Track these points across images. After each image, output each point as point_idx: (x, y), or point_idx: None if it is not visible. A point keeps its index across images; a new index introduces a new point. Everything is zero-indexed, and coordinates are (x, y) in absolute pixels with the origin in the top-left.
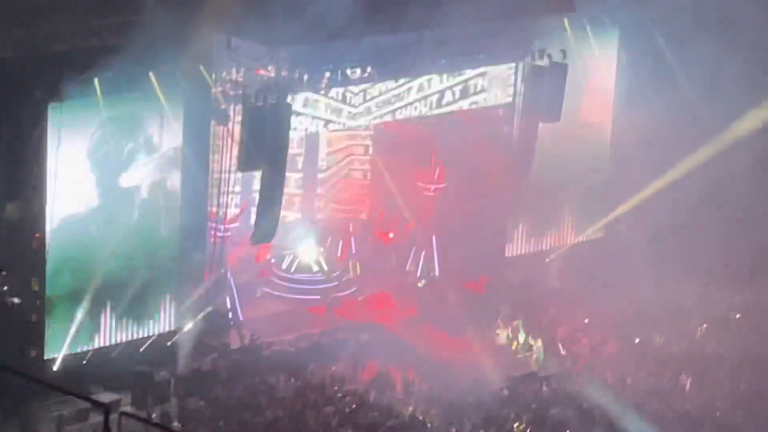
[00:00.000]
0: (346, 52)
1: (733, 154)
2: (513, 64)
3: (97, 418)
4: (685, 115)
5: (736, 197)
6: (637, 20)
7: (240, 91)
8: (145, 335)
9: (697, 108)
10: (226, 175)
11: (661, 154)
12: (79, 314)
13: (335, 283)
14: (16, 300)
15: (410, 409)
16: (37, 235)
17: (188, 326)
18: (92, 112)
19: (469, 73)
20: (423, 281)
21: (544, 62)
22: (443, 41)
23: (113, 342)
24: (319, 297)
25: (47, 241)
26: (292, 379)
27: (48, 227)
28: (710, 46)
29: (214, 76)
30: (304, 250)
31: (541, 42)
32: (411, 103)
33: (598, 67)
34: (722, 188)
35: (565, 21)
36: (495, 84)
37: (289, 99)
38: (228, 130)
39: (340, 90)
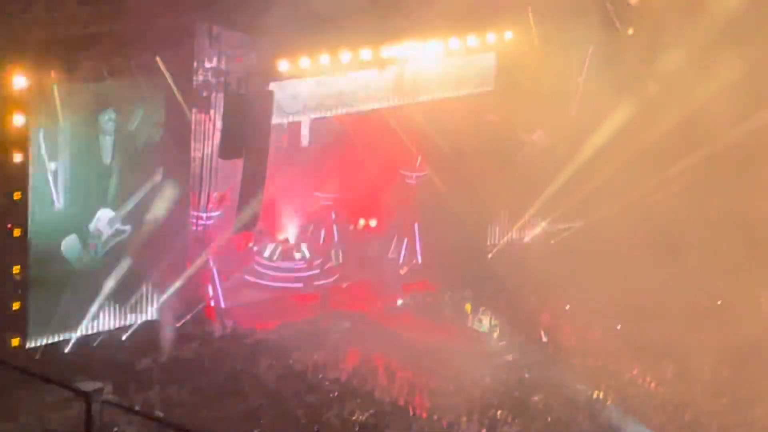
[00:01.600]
0: (328, 40)
1: (719, 142)
2: (494, 52)
3: (79, 406)
4: (667, 101)
5: (720, 187)
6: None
7: (221, 79)
8: (127, 324)
9: (677, 93)
10: (208, 163)
11: (644, 140)
12: (61, 303)
13: (317, 271)
14: None
15: (393, 396)
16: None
17: (170, 314)
18: (75, 99)
19: (451, 60)
20: (405, 269)
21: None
22: (427, 28)
23: (95, 330)
24: (301, 285)
25: (29, 230)
26: (275, 367)
27: (29, 215)
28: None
29: (195, 63)
30: (287, 238)
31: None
32: (393, 91)
33: (573, 54)
34: (707, 178)
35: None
36: (477, 71)
37: (270, 87)
38: (209, 117)
39: (322, 77)
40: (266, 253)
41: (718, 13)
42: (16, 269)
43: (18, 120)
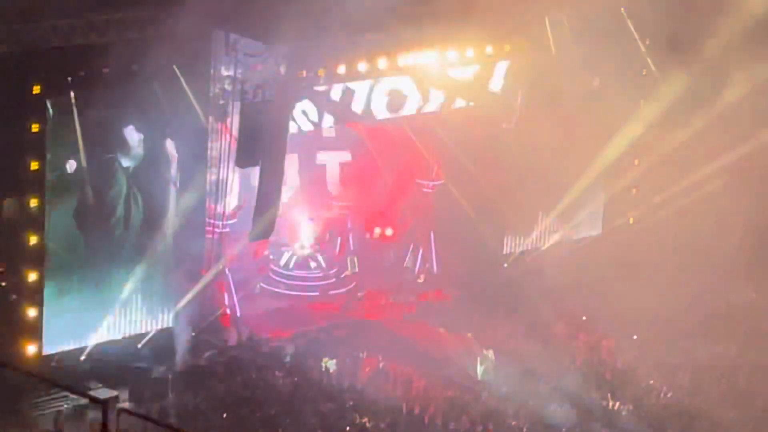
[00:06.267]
0: (345, 49)
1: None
2: (507, 61)
3: (95, 414)
4: (681, 107)
5: (734, 194)
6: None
7: (238, 87)
8: (143, 331)
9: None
10: (224, 172)
11: (659, 150)
12: (78, 310)
13: (333, 280)
14: (13, 296)
15: (408, 405)
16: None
17: (186, 323)
18: (91, 108)
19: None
20: (421, 278)
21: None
22: (442, 37)
23: (111, 338)
24: (317, 293)
25: (46, 237)
26: (290, 376)
27: (47, 223)
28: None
29: (212, 71)
30: (302, 246)
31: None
32: (410, 101)
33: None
34: (719, 185)
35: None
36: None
37: (288, 95)
38: (226, 126)
39: (339, 86)
40: (282, 261)
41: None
42: (32, 276)
43: (34, 128)
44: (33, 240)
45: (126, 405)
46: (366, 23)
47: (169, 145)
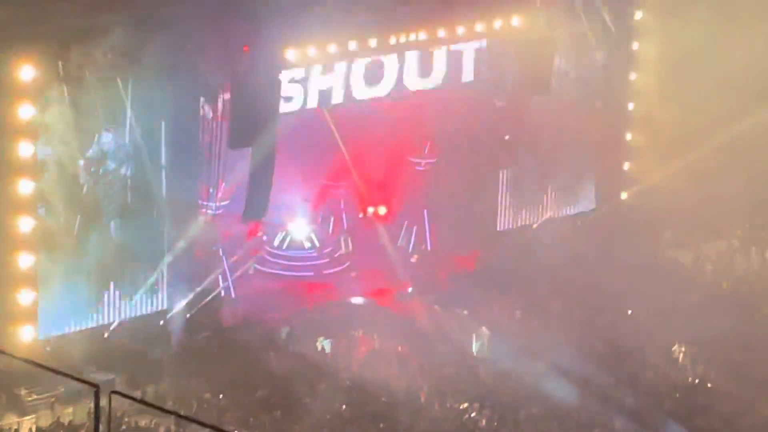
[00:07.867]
0: (335, 28)
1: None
2: (497, 38)
3: (91, 398)
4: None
5: (728, 168)
6: None
7: (229, 69)
8: (138, 314)
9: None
10: (217, 153)
11: (653, 125)
12: (73, 294)
13: (327, 260)
14: (7, 281)
15: (404, 384)
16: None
17: (181, 305)
18: (83, 89)
19: (461, 46)
20: (415, 256)
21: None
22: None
23: (106, 321)
24: (311, 273)
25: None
26: (286, 357)
27: (40, 207)
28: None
29: (203, 53)
30: (296, 226)
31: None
32: (401, 78)
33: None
34: (718, 159)
35: None
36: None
37: (278, 75)
38: (217, 107)
39: (330, 65)
40: (276, 242)
41: None
42: (26, 261)
43: (27, 111)
44: (26, 224)
45: (121, 388)
46: (358, 2)
47: (162, 128)
